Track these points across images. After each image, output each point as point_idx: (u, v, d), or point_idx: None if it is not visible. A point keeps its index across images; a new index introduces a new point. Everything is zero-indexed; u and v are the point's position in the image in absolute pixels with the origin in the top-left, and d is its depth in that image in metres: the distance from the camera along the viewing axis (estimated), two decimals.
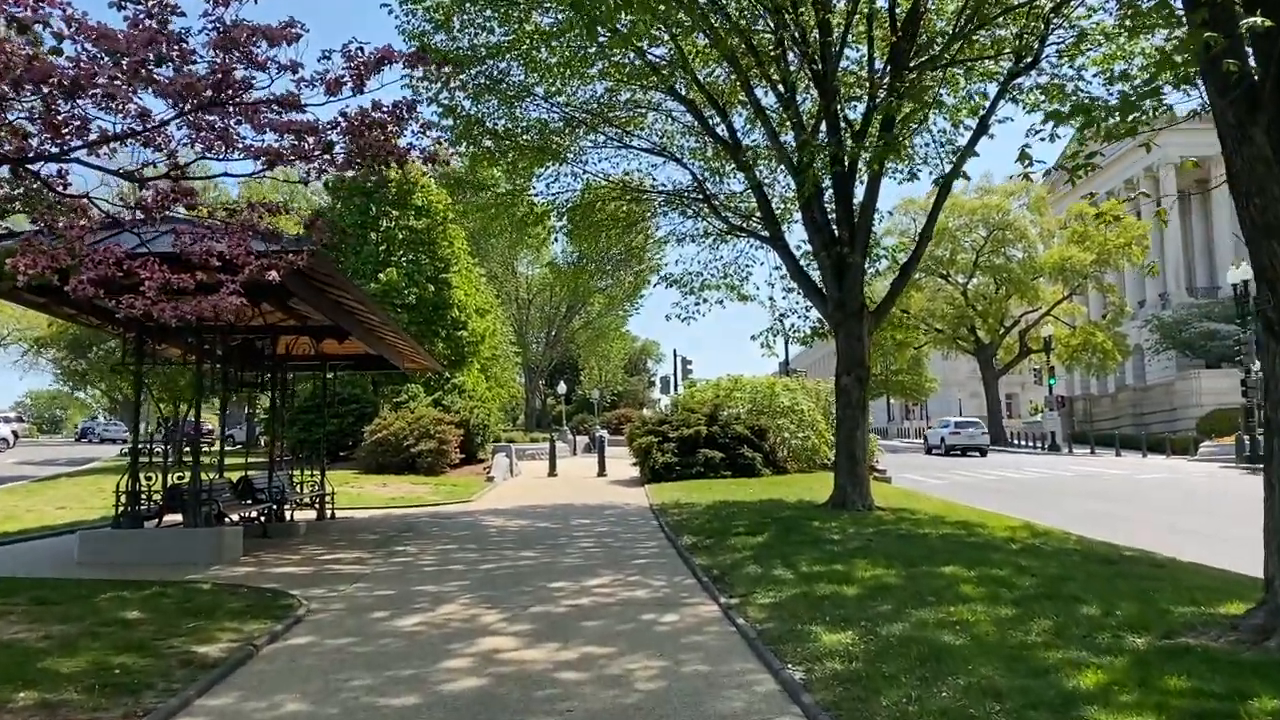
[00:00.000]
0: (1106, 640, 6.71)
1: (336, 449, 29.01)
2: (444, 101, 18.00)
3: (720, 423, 25.42)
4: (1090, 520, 16.48)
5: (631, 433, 27.21)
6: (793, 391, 27.55)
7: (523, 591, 9.54)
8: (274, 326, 14.79)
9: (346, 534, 15.08)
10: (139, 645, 6.92)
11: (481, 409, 29.59)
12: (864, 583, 9.11)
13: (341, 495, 20.59)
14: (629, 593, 9.51)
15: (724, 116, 18.40)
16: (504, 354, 48.96)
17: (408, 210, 33.24)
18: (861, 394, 16.77)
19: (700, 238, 21.37)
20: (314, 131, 5.51)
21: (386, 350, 17.00)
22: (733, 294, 20.99)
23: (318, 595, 9.42)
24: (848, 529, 13.53)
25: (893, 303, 17.90)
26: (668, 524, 15.25)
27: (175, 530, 11.84)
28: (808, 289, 17.77)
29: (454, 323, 32.62)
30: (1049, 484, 26.69)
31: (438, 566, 11.40)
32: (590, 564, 11.49)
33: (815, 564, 10.30)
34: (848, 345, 16.82)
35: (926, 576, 9.38)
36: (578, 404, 77.41)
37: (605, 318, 62.41)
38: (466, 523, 16.57)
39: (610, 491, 23.43)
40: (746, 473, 24.35)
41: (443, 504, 20.35)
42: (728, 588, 9.42)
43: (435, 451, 26.20)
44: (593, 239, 20.99)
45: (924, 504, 17.91)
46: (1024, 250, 60.97)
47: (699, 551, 11.94)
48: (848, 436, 16.51)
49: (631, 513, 18.15)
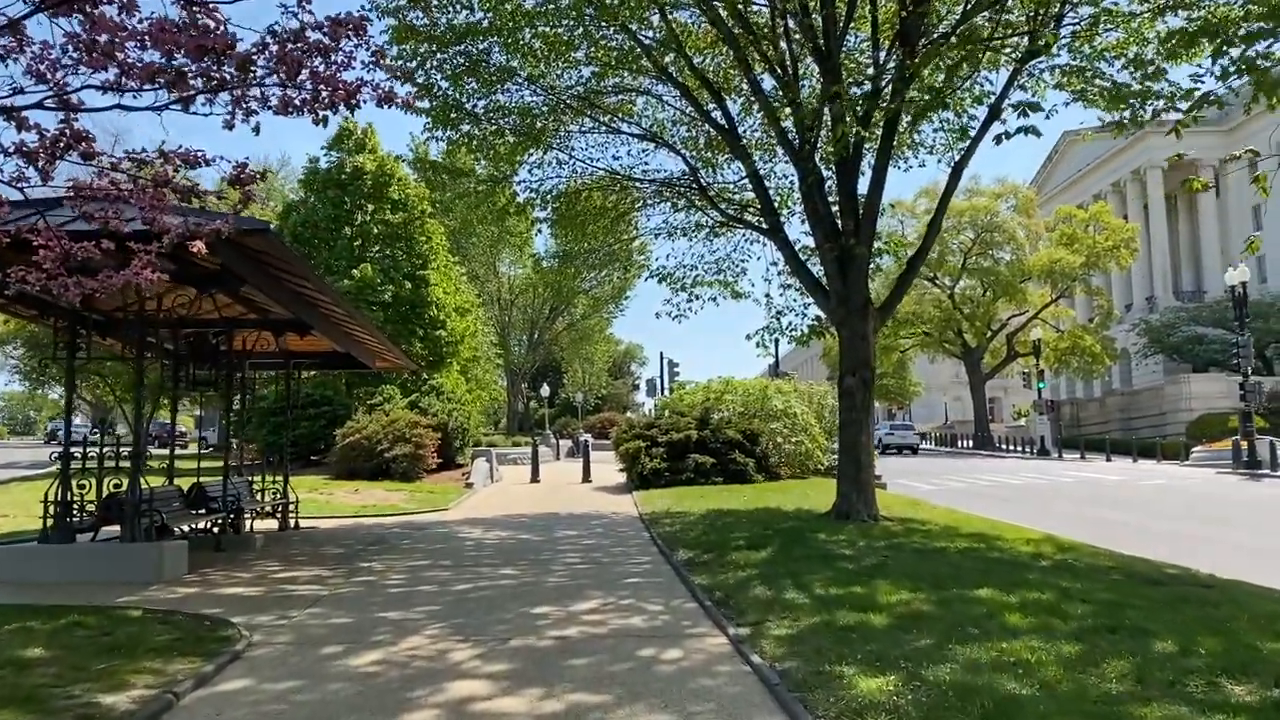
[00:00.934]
0: (1202, 689, 5.59)
1: (308, 453, 27.68)
2: (419, 80, 16.77)
3: (711, 427, 24.27)
4: (1102, 529, 15.46)
5: (618, 437, 25.99)
6: (786, 394, 26.44)
7: (501, 620, 8.33)
8: (230, 320, 13.53)
9: (309, 547, 13.80)
10: (28, 696, 5.66)
11: (460, 411, 28.29)
12: (892, 610, 7.96)
13: (309, 503, 19.29)
14: (623, 620, 8.31)
15: (720, 102, 17.28)
16: (485, 355, 47.62)
17: (384, 203, 31.92)
18: (867, 396, 15.66)
19: (692, 231, 20.22)
20: (228, 47, 4.27)
21: (355, 347, 15.74)
22: (726, 291, 19.85)
23: (264, 624, 8.17)
24: (858, 542, 12.41)
25: (899, 298, 16.80)
26: (660, 536, 14.07)
27: (110, 545, 10.54)
28: (809, 284, 16.64)
29: (432, 321, 31.31)
30: (1049, 490, 25.67)
31: (405, 587, 10.16)
32: (578, 584, 10.28)
33: (831, 585, 9.15)
34: (851, 344, 15.71)
35: (961, 602, 8.25)
36: (561, 407, 76.22)
37: (589, 319, 61.23)
38: (441, 534, 15.32)
39: (596, 499, 22.23)
40: (738, 479, 23.21)
41: (417, 512, 19.08)
42: (735, 614, 8.26)
43: (411, 456, 24.89)
44: (578, 231, 19.76)
45: (931, 513, 16.81)
46: (1012, 253, 60.28)
47: (697, 569, 10.77)
48: (852, 442, 15.39)
49: (620, 523, 16.95)
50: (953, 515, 16.62)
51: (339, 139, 32.82)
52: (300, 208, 31.98)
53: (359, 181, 31.51)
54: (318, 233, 31.15)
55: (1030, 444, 54.50)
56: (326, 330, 13.68)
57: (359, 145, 32.52)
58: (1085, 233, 57.23)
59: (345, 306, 13.00)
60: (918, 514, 16.73)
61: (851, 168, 15.99)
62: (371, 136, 32.88)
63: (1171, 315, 57.96)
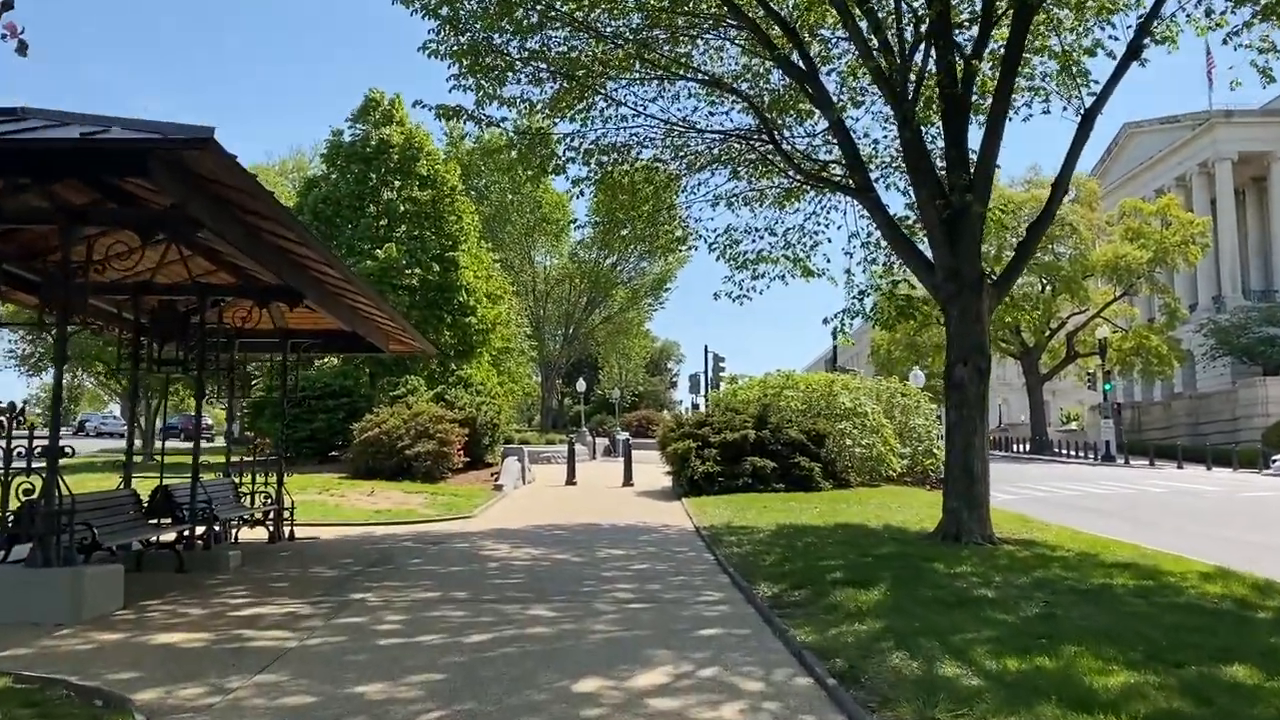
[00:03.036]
0: None
1: (326, 449, 25.29)
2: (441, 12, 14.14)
3: (770, 426, 21.44)
4: (1243, 551, 12.60)
5: (664, 436, 23.19)
6: (853, 391, 23.56)
7: (529, 704, 5.64)
8: (205, 286, 11.00)
9: (296, 567, 11.23)
10: None
11: (490, 405, 25.66)
12: (1124, 709, 5.17)
13: (315, 507, 16.86)
14: (711, 712, 5.58)
15: (798, 43, 14.47)
16: (518, 347, 45.09)
17: (411, 180, 29.41)
18: (981, 389, 12.82)
19: (755, 201, 17.41)
20: None
21: (362, 325, 13.15)
22: (797, 268, 17.06)
23: (182, 705, 5.56)
24: (991, 577, 9.62)
25: (1019, 271, 14.00)
26: (729, 559, 11.34)
27: (14, 570, 7.99)
28: (907, 255, 13.82)
29: (461, 307, 28.77)
30: (1146, 502, 22.61)
31: (402, 636, 7.51)
32: (634, 635, 7.57)
33: (1001, 653, 6.36)
34: (962, 326, 12.86)
35: (1220, 691, 5.47)
36: (596, 404, 73.70)
37: (627, 312, 58.52)
38: (461, 551, 12.67)
39: (641, 507, 19.52)
40: (802, 486, 20.38)
41: (437, 520, 16.50)
42: (876, 702, 5.52)
43: (434, 454, 22.33)
44: (626, 197, 16.88)
45: (1047, 533, 13.90)
46: (1073, 247, 56.80)
47: (792, 615, 8.00)
48: (964, 446, 12.55)
49: (675, 539, 14.23)
50: (1076, 536, 13.67)
51: (365, 110, 30.39)
52: (322, 183, 29.59)
53: (385, 156, 29.05)
54: (340, 210, 28.74)
55: (1089, 449, 51.06)
56: (321, 299, 11.10)
57: (386, 117, 30.05)
58: (1152, 227, 53.92)
59: (342, 269, 10.42)
60: (1032, 532, 13.86)
61: (961, 111, 13.15)
62: (399, 108, 30.35)
63: (1242, 315, 54.64)
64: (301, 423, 25.58)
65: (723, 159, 16.83)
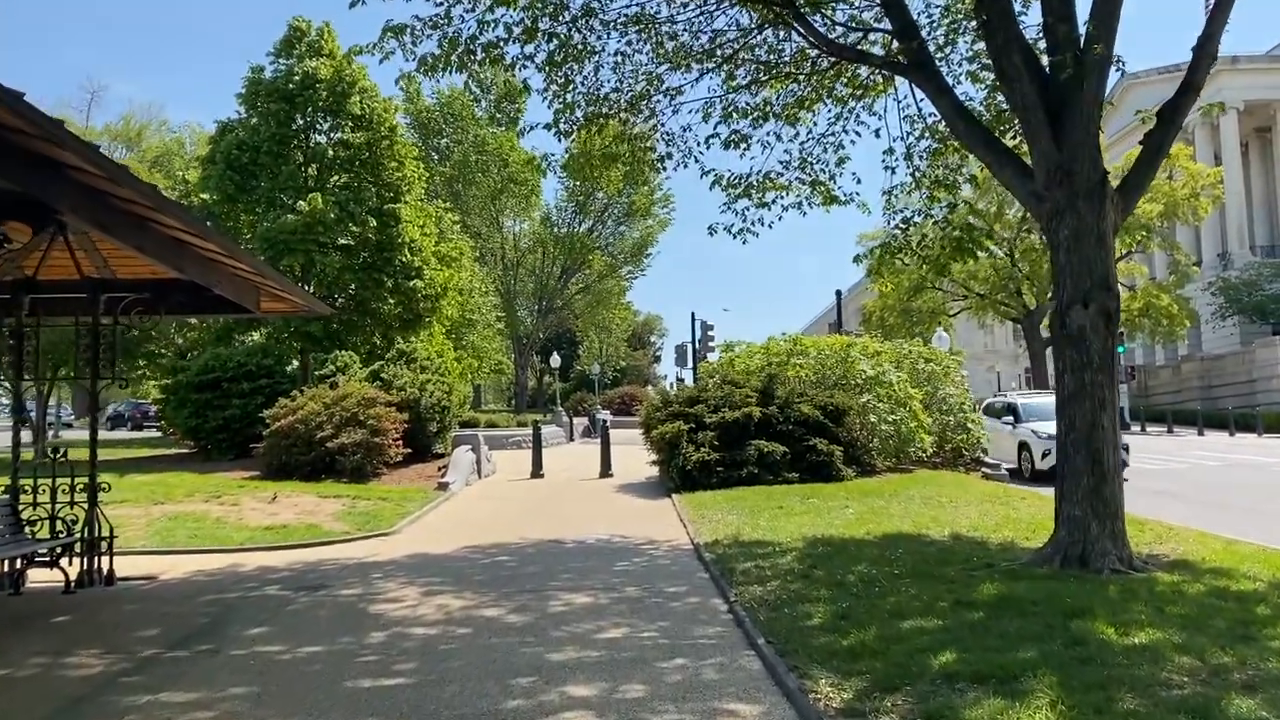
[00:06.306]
0: None
1: (243, 440, 20.94)
2: None
3: (778, 401, 17.32)
4: None
5: (648, 416, 18.97)
6: (874, 356, 19.48)
7: None
8: None
9: (67, 642, 7.04)
10: None
11: (438, 384, 21.42)
12: None
13: (188, 522, 12.72)
14: None
15: None
16: (484, 319, 40.73)
17: (343, 119, 24.95)
18: (1107, 342, 8.74)
19: (756, 114, 13.15)
20: None
21: (199, 269, 8.84)
22: (817, 193, 12.88)
23: None
24: (1199, 644, 5.59)
25: (1153, 173, 9.89)
26: (750, 609, 7.26)
27: None
28: (988, 149, 9.64)
29: (404, 269, 24.42)
30: (1212, 480, 18.97)
31: None
32: None
33: None
34: (1078, 250, 8.77)
35: None
36: (575, 380, 69.60)
37: (606, 281, 54.20)
38: (342, 606, 8.38)
39: (622, 509, 15.39)
40: (820, 474, 16.33)
41: (344, 539, 12.28)
42: None
43: (365, 445, 18.05)
44: (604, 124, 12.52)
45: (1183, 541, 9.92)
46: None
47: None
48: (1089, 425, 8.48)
49: (665, 567, 10.05)
50: (1231, 548, 9.61)
51: (288, 44, 25.82)
52: (239, 128, 25.09)
53: (311, 91, 24.53)
54: (258, 158, 24.27)
55: None
56: (93, 216, 6.83)
57: (313, 49, 25.54)
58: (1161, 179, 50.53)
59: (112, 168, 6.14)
60: (1161, 540, 9.91)
61: None
62: (329, 39, 25.83)
63: (1252, 272, 51.65)
64: (213, 410, 21.30)
65: (716, 51, 12.59)
